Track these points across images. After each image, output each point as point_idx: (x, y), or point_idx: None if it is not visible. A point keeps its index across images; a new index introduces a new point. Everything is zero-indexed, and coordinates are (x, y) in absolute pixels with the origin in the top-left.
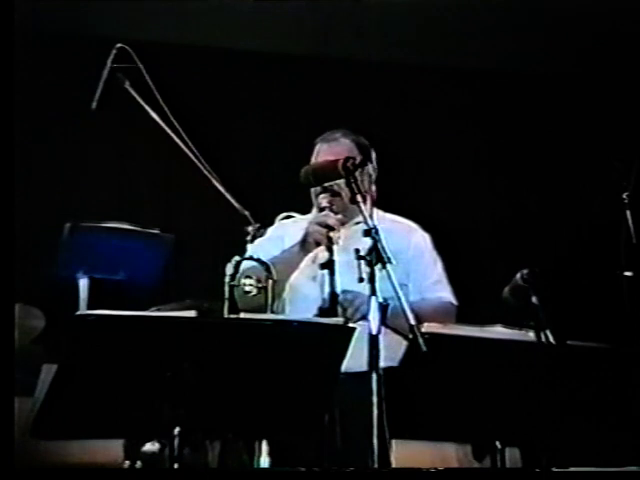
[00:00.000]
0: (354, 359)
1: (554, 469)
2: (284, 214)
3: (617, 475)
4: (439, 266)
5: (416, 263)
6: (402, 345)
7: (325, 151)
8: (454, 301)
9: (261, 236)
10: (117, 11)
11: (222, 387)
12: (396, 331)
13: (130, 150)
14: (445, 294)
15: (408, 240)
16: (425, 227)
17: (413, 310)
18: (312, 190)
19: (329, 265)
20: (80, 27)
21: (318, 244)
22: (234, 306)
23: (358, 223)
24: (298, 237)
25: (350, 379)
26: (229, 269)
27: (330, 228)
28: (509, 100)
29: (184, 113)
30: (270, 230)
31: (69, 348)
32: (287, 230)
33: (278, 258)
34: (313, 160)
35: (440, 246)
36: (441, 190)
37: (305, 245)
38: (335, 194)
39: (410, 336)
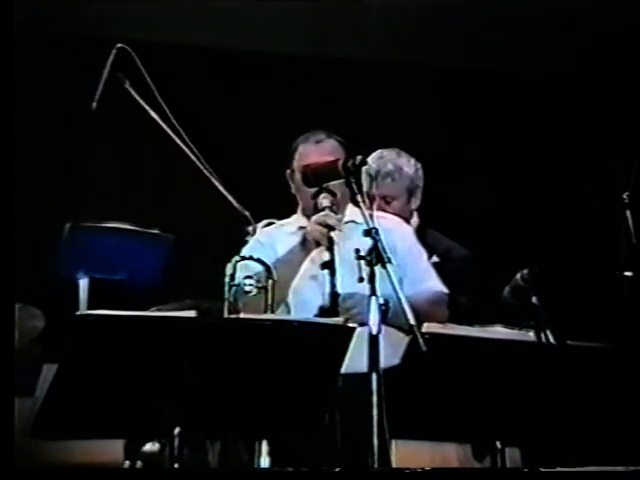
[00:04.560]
0: (354, 359)
1: (554, 469)
2: (265, 221)
3: (617, 475)
4: (424, 256)
5: (405, 256)
6: (403, 344)
7: (314, 152)
8: (445, 289)
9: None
10: (117, 11)
11: (222, 387)
12: (398, 327)
13: (130, 150)
14: (435, 283)
15: (394, 234)
16: (425, 226)
17: (409, 303)
18: (300, 191)
19: (329, 265)
20: (80, 27)
21: (318, 244)
22: (234, 306)
23: (347, 222)
24: (288, 241)
25: (350, 379)
26: (229, 269)
27: (330, 228)
28: (509, 100)
29: (184, 113)
30: (254, 239)
31: (69, 348)
32: (275, 237)
33: (280, 261)
34: (300, 162)
35: None
36: (440, 190)
37: (305, 244)
38: (333, 194)
39: (410, 336)
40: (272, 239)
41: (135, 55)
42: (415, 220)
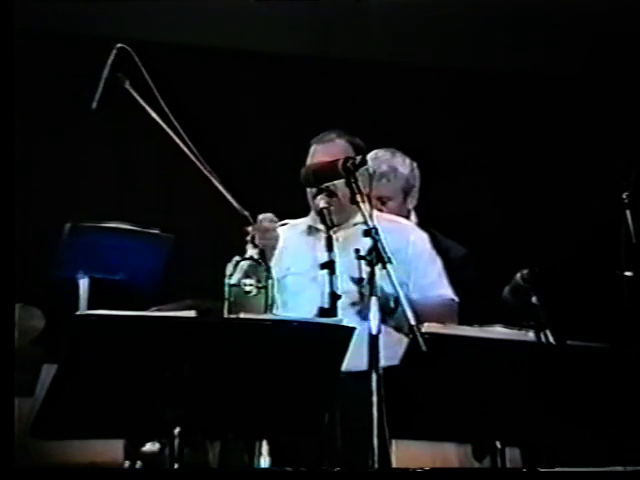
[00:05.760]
0: (354, 359)
1: (552, 469)
2: (280, 222)
3: (617, 475)
4: (438, 264)
5: (415, 262)
6: (402, 344)
7: (321, 152)
8: (455, 298)
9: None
10: (117, 11)
11: (222, 387)
12: (396, 329)
13: (130, 150)
14: (445, 291)
15: (407, 239)
16: (425, 226)
17: (415, 309)
18: (308, 192)
19: (329, 265)
20: (80, 27)
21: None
22: (234, 306)
23: (356, 224)
24: (296, 240)
25: (350, 379)
26: (229, 269)
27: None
28: (509, 100)
29: (184, 113)
30: None
31: (69, 348)
32: (284, 237)
33: None
34: (309, 161)
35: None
36: (441, 190)
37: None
38: (332, 195)
39: (410, 336)
40: (282, 235)
41: (135, 55)
42: (413, 219)
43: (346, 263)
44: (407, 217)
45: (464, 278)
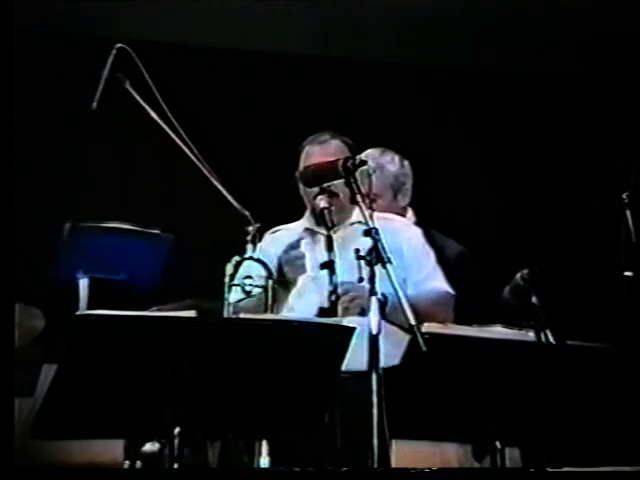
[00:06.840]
0: (354, 359)
1: (553, 469)
2: (273, 229)
3: (617, 475)
4: (432, 258)
5: (411, 258)
6: (403, 343)
7: (318, 153)
8: (450, 290)
9: (260, 238)
10: (117, 11)
11: (222, 387)
12: (398, 326)
13: (130, 150)
14: (440, 283)
15: (402, 237)
16: (425, 226)
17: (411, 303)
18: (305, 193)
19: (329, 265)
20: (80, 27)
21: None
22: (234, 306)
23: (353, 224)
24: (292, 244)
25: (350, 379)
26: (229, 269)
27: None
28: (509, 100)
29: (184, 113)
30: (259, 247)
31: (69, 348)
32: (280, 240)
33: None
34: (303, 163)
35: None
36: (441, 190)
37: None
38: (333, 195)
39: (410, 336)
40: (276, 247)
41: (135, 55)
42: (411, 217)
43: (345, 263)
44: (402, 215)
45: (462, 275)
